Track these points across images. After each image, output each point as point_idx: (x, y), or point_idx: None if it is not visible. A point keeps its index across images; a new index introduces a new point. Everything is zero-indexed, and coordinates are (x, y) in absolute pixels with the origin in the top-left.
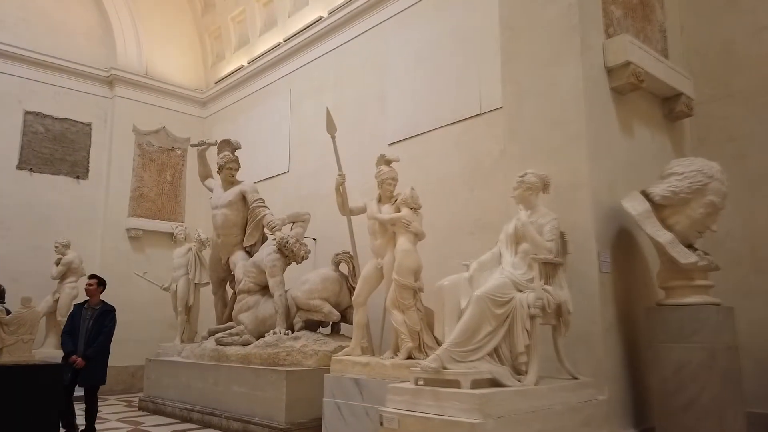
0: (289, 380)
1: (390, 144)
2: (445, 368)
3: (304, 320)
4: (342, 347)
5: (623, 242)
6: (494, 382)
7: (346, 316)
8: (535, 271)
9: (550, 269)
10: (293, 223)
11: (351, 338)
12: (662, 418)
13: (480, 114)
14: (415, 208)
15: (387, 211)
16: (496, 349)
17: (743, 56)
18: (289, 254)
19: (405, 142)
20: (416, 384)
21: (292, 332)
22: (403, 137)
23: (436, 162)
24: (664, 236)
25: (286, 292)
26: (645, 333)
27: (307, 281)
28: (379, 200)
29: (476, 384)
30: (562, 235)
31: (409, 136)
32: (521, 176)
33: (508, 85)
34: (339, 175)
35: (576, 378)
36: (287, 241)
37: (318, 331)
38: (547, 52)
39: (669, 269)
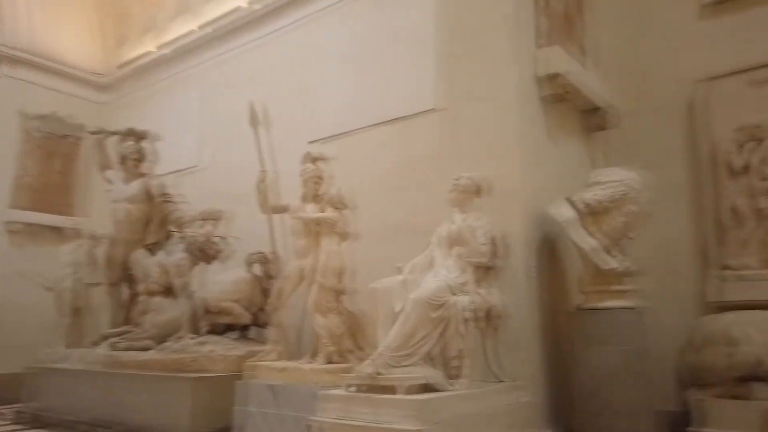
0: (195, 388)
1: (315, 141)
2: (380, 374)
3: (211, 324)
4: (253, 352)
5: (547, 248)
6: (428, 387)
7: (257, 320)
8: (469, 274)
9: (482, 273)
10: (204, 220)
11: (262, 343)
12: (582, 420)
13: (412, 115)
14: (341, 209)
15: (312, 211)
16: (429, 353)
17: (656, 75)
18: (198, 254)
19: (332, 140)
20: (349, 391)
21: (199, 336)
22: (330, 135)
23: (366, 162)
24: (587, 243)
25: (193, 293)
26: (567, 336)
27: (217, 282)
28: (304, 199)
29: (411, 389)
30: (494, 240)
31: (336, 134)
32: (456, 179)
33: (445, 86)
34: (261, 171)
35: (502, 381)
36: (197, 240)
37: (227, 335)
38: (484, 57)
39: (590, 274)
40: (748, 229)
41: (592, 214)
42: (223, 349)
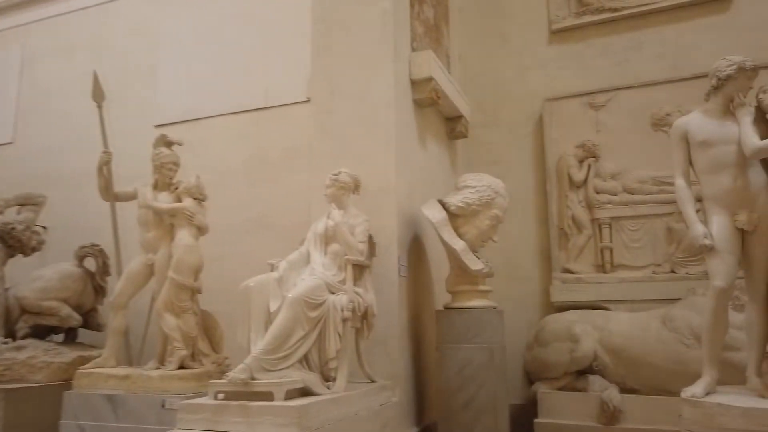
0: (8, 400)
1: (160, 125)
2: (254, 379)
3: (31, 326)
4: (83, 358)
5: (415, 248)
6: (305, 391)
7: (88, 321)
8: (348, 273)
9: (357, 271)
10: (21, 206)
11: (92, 347)
12: (445, 416)
13: (268, 107)
14: (200, 199)
15: (165, 200)
16: (306, 355)
17: (510, 91)
18: (14, 243)
19: (179, 126)
20: (218, 398)
21: (14, 340)
22: (177, 120)
23: (215, 152)
24: (458, 244)
25: (7, 290)
26: (435, 335)
27: (39, 278)
28: (155, 187)
29: (290, 395)
30: (370, 238)
31: (184, 119)
32: (335, 174)
33: (319, 80)
34: (104, 152)
35: (374, 381)
36: (13, 228)
37: (49, 338)
38: (362, 53)
39: (457, 275)
40: (584, 237)
41: (461, 216)
42: (46, 354)
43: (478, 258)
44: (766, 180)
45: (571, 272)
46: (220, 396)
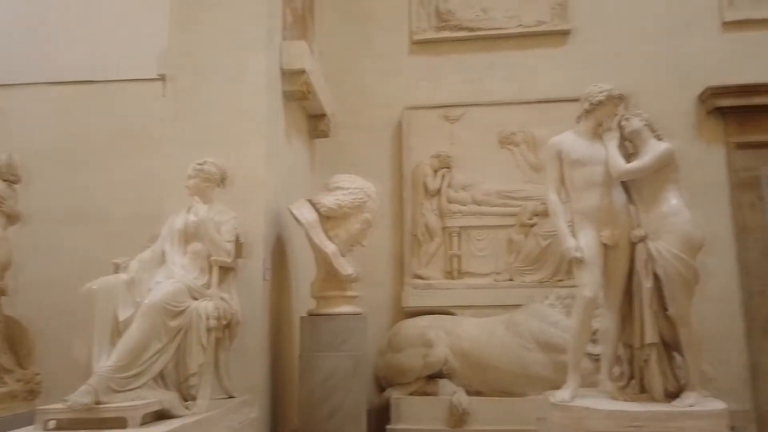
0: None
1: None
2: (100, 403)
3: None
4: None
5: (278, 249)
6: (162, 414)
7: None
8: (214, 276)
9: (222, 274)
10: None
11: None
12: (307, 428)
13: (97, 81)
14: (11, 181)
15: None
16: (161, 372)
17: (371, 94)
18: None
19: None
20: (48, 429)
21: None
22: None
23: (29, 128)
24: (329, 247)
25: None
26: (295, 343)
27: None
28: None
29: (146, 419)
30: (237, 238)
31: None
32: (200, 164)
33: (178, 56)
34: None
35: (232, 396)
36: None
37: None
38: (232, 32)
39: (325, 279)
40: (436, 244)
41: (332, 218)
42: None
43: (347, 262)
44: (625, 200)
45: (422, 278)
46: (52, 424)
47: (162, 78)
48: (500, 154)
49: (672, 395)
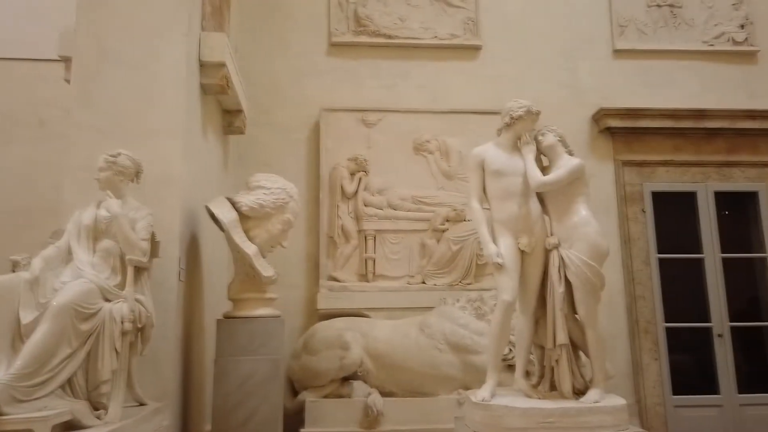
0: None
1: None
2: (3, 414)
3: None
4: None
5: (193, 249)
6: (71, 425)
7: None
8: (129, 276)
9: (135, 275)
10: None
11: None
12: None
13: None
14: None
15: None
16: (69, 379)
17: (287, 94)
18: None
19: None
20: None
21: None
22: None
23: None
24: (250, 248)
25: None
26: (209, 347)
27: None
28: None
29: (54, 431)
30: (153, 236)
31: None
32: (113, 156)
33: (86, 38)
34: None
35: (144, 404)
36: None
37: None
38: (149, 18)
39: (244, 281)
40: (351, 247)
41: (253, 218)
42: None
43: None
44: (540, 210)
45: (337, 280)
46: None
47: (65, 59)
48: (415, 160)
49: (579, 392)
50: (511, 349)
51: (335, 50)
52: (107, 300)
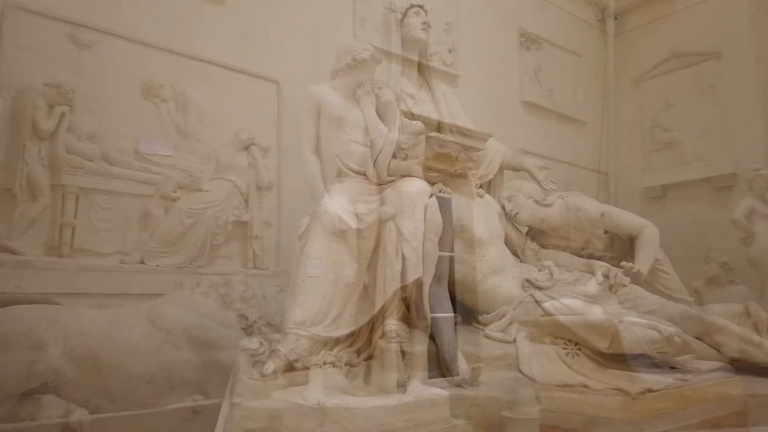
0: None
1: None
2: None
3: None
4: None
5: None
6: None
7: None
8: None
9: None
10: None
11: None
12: None
13: None
14: None
15: None
16: None
17: None
18: None
19: None
20: None
21: None
22: None
23: None
24: None
25: None
26: None
27: None
28: None
29: None
30: None
31: None
32: None
33: None
34: None
35: None
36: None
37: None
38: None
39: None
40: (40, 207)
41: None
42: None
43: None
44: None
45: (13, 252)
46: None
47: None
48: (144, 106)
49: (401, 385)
50: None
51: None
52: None
